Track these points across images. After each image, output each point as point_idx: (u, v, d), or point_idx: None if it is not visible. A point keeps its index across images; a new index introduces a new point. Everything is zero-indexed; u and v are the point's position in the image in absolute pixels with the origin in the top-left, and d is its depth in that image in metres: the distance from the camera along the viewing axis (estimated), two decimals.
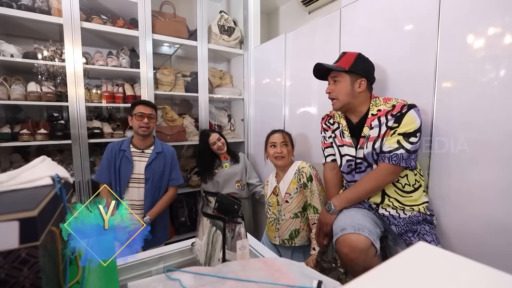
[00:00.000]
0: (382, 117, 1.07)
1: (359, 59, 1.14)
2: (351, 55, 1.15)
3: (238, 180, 2.04)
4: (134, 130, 1.67)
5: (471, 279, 0.31)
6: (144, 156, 1.67)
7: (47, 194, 0.48)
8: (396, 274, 0.32)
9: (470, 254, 0.99)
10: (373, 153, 1.09)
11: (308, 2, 2.36)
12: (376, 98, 1.14)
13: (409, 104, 1.04)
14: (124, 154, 1.64)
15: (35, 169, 0.60)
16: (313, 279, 0.65)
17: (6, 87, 1.65)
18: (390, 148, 1.04)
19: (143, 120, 1.62)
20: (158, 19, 2.02)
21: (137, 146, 1.68)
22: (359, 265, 0.94)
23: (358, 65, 1.12)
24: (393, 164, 1.03)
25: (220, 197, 0.89)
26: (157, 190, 1.69)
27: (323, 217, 1.17)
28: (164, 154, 1.71)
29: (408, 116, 1.02)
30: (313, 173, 1.45)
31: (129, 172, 1.63)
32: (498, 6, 0.92)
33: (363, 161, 1.14)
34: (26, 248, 0.41)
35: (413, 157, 1.03)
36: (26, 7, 1.61)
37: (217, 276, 0.65)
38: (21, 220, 0.40)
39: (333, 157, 1.30)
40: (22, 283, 0.41)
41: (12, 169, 1.67)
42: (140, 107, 1.63)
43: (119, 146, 1.66)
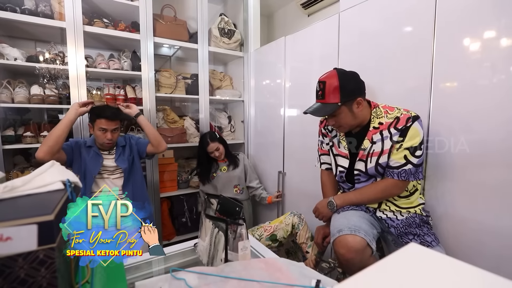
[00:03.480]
0: (385, 131, 1.05)
1: (342, 81, 1.02)
2: (331, 82, 1.03)
3: (236, 185, 2.06)
4: (97, 140, 1.57)
5: (457, 279, 0.34)
6: (111, 153, 1.63)
7: (60, 199, 0.51)
8: (386, 274, 0.35)
9: (465, 255, 1.03)
10: (378, 168, 1.07)
11: (307, 5, 2.39)
12: (377, 108, 1.10)
13: (413, 116, 1.02)
14: (92, 149, 1.56)
15: (46, 174, 0.63)
16: (312, 278, 0.68)
17: (10, 90, 1.67)
18: (397, 163, 1.03)
19: (106, 135, 1.51)
20: (159, 22, 2.04)
21: (101, 148, 1.61)
22: (355, 265, 0.97)
23: (346, 89, 1.02)
24: (402, 180, 1.03)
25: (222, 199, 0.92)
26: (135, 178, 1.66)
27: (323, 209, 1.21)
28: (128, 144, 1.68)
29: (412, 129, 1.00)
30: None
31: (97, 165, 1.55)
32: (495, 8, 0.94)
33: (361, 173, 1.12)
34: (44, 249, 0.43)
35: (420, 170, 1.04)
36: (30, 11, 1.63)
37: (220, 275, 0.67)
38: (39, 223, 0.42)
39: (327, 166, 1.32)
40: (39, 282, 0.44)
41: (15, 171, 1.71)
42: (103, 122, 1.48)
43: (84, 143, 1.57)
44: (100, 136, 1.51)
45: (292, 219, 1.51)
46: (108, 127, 1.50)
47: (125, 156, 1.64)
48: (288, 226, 1.50)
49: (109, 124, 1.50)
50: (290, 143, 1.98)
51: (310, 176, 1.73)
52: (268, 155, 2.25)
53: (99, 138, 1.53)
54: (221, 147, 2.01)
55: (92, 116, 1.53)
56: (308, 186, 1.78)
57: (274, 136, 2.13)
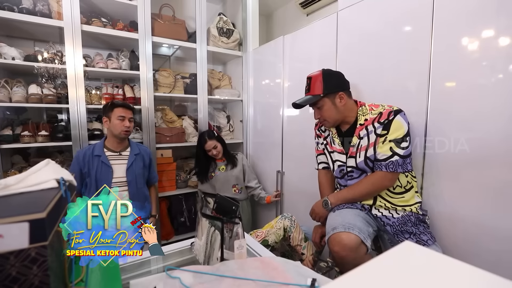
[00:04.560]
0: (370, 126, 1.12)
1: (326, 76, 1.16)
2: (316, 77, 1.17)
3: (235, 185, 2.06)
4: (113, 133, 1.59)
5: (450, 277, 0.34)
6: (122, 159, 1.63)
7: (53, 197, 0.50)
8: (379, 272, 0.35)
9: (463, 254, 1.03)
10: (367, 161, 1.12)
11: (306, 5, 2.39)
12: (363, 106, 1.17)
13: (395, 109, 1.08)
14: (100, 159, 1.56)
15: (40, 172, 0.62)
16: (308, 277, 0.67)
17: (8, 89, 1.67)
18: (384, 156, 1.07)
19: (124, 123, 1.57)
20: (157, 21, 2.04)
21: (112, 149, 1.62)
22: (349, 262, 0.98)
23: (328, 83, 1.15)
24: (390, 172, 1.06)
25: (218, 198, 0.92)
26: (141, 191, 1.68)
27: (319, 209, 1.24)
28: (142, 155, 1.70)
29: (395, 122, 1.05)
30: None
31: (109, 178, 1.57)
32: (493, 8, 0.94)
33: (354, 169, 1.17)
34: (36, 247, 0.43)
35: (408, 161, 1.06)
36: (27, 10, 1.63)
37: (215, 274, 0.67)
38: (31, 221, 0.42)
39: (324, 165, 1.37)
40: (31, 280, 0.43)
41: (13, 170, 1.71)
42: (121, 110, 1.58)
43: (91, 152, 1.58)
44: (118, 124, 1.57)
45: (283, 223, 1.50)
46: (126, 115, 1.59)
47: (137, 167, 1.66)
48: (280, 230, 1.49)
49: (126, 112, 1.59)
50: (289, 142, 1.97)
51: (308, 175, 1.73)
52: (267, 155, 2.24)
53: (117, 127, 1.57)
54: (219, 145, 2.01)
55: (108, 109, 1.60)
56: (307, 185, 1.78)
57: (273, 136, 2.13)
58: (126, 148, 1.67)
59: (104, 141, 1.64)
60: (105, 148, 1.62)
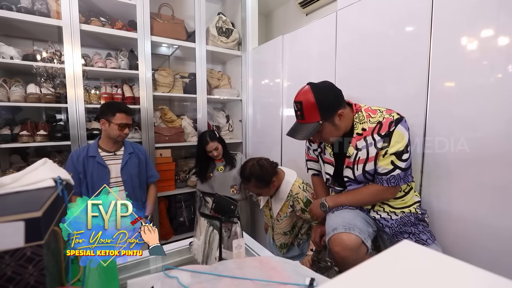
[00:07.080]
0: (369, 137, 1.03)
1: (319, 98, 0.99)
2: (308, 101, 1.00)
3: (233, 185, 2.05)
4: (109, 135, 1.55)
5: (448, 276, 0.34)
6: (117, 159, 1.61)
7: (50, 196, 0.50)
8: (378, 271, 0.35)
9: (462, 253, 1.03)
10: (366, 175, 1.07)
11: (305, 4, 2.39)
12: (359, 112, 1.06)
13: (396, 118, 0.99)
14: (95, 160, 1.53)
15: (37, 171, 0.62)
16: (307, 276, 0.67)
17: (6, 88, 1.66)
18: (385, 170, 1.01)
19: (125, 131, 1.55)
20: (156, 21, 2.04)
21: (107, 150, 1.59)
22: (350, 263, 0.97)
23: (324, 104, 0.99)
24: (392, 186, 1.03)
25: (217, 197, 0.91)
26: (137, 190, 1.66)
27: (316, 210, 1.23)
28: (136, 153, 1.68)
29: (396, 134, 0.98)
30: (309, 195, 1.43)
31: (106, 178, 1.54)
32: (493, 8, 0.94)
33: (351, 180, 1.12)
34: (31, 247, 0.43)
35: (409, 173, 1.03)
36: (26, 9, 1.62)
37: (213, 274, 0.67)
38: (26, 220, 0.42)
39: (314, 172, 1.36)
40: (27, 280, 0.43)
41: (11, 170, 1.70)
42: (123, 116, 1.53)
43: (86, 153, 1.54)
44: (119, 132, 1.53)
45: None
46: (128, 122, 1.54)
47: (132, 166, 1.64)
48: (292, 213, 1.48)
49: (128, 119, 1.55)
50: (288, 142, 1.97)
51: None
52: (266, 154, 2.23)
53: (116, 133, 1.53)
54: (220, 147, 2.00)
55: (109, 111, 1.52)
56: None
57: (272, 135, 2.12)
58: (120, 148, 1.65)
59: (98, 141, 1.61)
60: (100, 149, 1.59)
